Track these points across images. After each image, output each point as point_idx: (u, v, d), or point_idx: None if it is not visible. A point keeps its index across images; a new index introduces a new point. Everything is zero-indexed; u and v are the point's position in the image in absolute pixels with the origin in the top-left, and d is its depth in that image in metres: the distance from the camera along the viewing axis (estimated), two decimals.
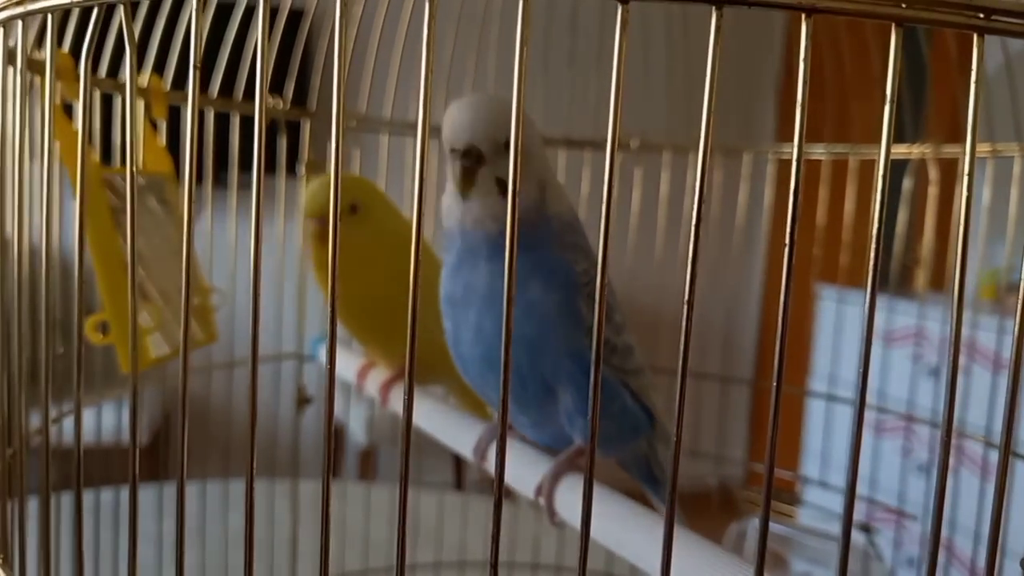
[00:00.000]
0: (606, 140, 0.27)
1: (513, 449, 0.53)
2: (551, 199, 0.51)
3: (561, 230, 0.52)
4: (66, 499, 0.60)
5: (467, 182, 0.49)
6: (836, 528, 0.82)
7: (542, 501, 0.50)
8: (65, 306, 0.61)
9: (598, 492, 0.46)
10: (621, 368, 0.54)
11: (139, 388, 0.33)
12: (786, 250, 0.28)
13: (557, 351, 0.50)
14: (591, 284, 0.50)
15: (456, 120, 0.49)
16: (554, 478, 0.50)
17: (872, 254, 0.28)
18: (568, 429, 0.52)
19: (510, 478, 0.52)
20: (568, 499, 0.49)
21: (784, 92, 2.76)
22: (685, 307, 0.28)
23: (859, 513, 0.96)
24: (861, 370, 0.29)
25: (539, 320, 0.50)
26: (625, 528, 0.44)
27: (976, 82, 0.28)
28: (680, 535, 0.40)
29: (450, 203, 0.51)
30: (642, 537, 0.43)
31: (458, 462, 2.36)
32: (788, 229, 0.28)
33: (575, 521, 0.48)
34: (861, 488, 0.80)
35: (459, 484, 2.36)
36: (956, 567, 1.36)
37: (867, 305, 0.29)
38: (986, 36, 0.28)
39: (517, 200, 0.28)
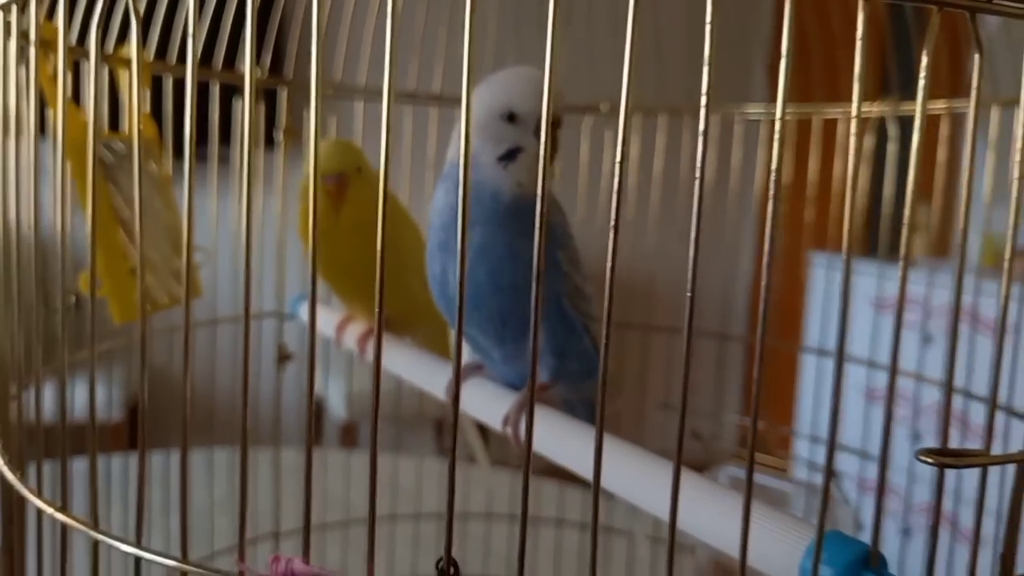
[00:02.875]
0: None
1: (484, 387, 0.58)
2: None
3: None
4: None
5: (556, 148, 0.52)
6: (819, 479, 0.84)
7: (509, 430, 0.54)
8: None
9: (572, 425, 0.49)
10: (587, 314, 0.58)
11: (145, 337, 0.33)
12: (769, 204, 0.29)
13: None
14: (565, 236, 0.56)
15: (539, 89, 0.50)
16: (519, 408, 0.54)
17: (855, 217, 0.29)
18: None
19: (481, 412, 0.57)
20: (537, 429, 0.51)
21: (774, 54, 2.74)
22: (691, 267, 0.29)
23: (853, 472, 0.97)
24: (840, 325, 0.30)
25: (527, 270, 0.52)
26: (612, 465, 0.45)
27: (928, 54, 0.29)
28: (663, 467, 0.42)
29: (480, 166, 0.53)
30: (630, 470, 0.44)
31: (439, 433, 2.37)
32: (772, 181, 0.29)
33: (542, 447, 0.49)
34: (852, 458, 0.82)
35: (441, 453, 2.37)
36: (959, 541, 1.37)
37: (844, 266, 0.30)
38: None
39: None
